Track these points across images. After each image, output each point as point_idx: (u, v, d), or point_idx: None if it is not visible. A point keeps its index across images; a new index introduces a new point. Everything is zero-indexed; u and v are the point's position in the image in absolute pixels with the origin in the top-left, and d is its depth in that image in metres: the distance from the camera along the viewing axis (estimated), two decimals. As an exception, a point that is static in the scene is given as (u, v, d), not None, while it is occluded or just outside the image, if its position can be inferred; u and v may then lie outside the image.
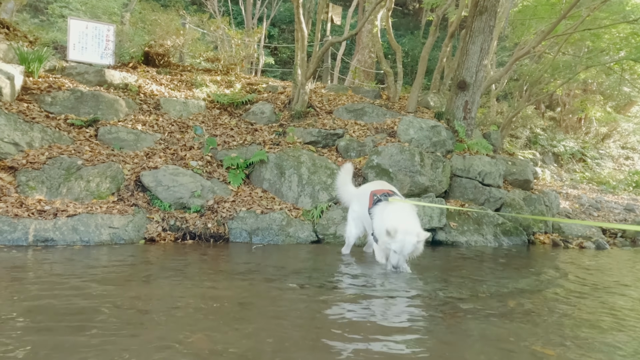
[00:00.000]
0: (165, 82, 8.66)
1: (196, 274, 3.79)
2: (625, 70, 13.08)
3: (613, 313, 3.33)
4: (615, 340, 2.71)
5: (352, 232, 4.87)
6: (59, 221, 4.74)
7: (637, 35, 10.75)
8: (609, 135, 17.83)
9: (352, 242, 4.95)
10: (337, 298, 3.28)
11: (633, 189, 14.13)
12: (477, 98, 8.24)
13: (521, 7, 12.77)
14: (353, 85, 13.36)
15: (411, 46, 18.90)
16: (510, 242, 6.62)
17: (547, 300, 3.60)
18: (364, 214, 4.54)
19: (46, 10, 13.55)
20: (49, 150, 5.65)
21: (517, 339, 2.59)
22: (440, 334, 2.65)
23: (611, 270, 5.37)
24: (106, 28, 8.50)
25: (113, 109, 6.93)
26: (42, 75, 7.14)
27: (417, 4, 20.87)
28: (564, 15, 8.96)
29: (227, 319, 2.66)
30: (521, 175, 7.96)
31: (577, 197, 11.09)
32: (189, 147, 6.76)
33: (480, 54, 7.91)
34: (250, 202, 5.96)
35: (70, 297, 2.88)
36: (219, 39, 10.86)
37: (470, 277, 4.26)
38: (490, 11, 7.81)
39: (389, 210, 4.15)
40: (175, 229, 5.33)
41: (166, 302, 2.92)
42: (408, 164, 6.56)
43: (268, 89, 9.35)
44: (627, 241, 7.95)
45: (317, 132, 7.41)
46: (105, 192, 5.41)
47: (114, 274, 3.61)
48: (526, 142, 15.63)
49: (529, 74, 13.02)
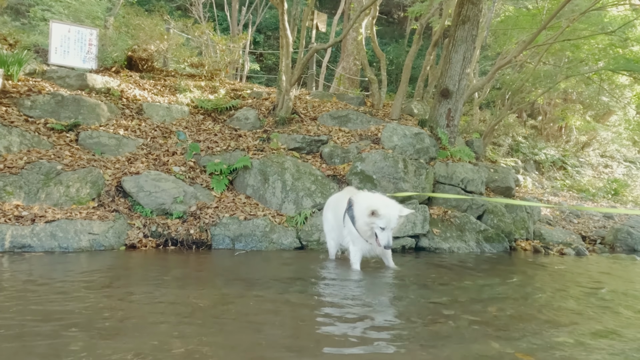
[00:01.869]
0: (149, 87, 8.59)
1: (176, 281, 3.74)
2: (603, 80, 13.37)
3: (593, 318, 3.37)
4: (595, 344, 2.74)
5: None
6: (37, 227, 4.65)
7: (615, 47, 11.00)
8: (588, 143, 18.18)
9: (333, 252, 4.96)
10: (318, 305, 3.26)
11: (612, 196, 14.40)
12: (460, 106, 8.33)
13: (503, 17, 13.01)
14: (338, 92, 13.41)
15: (395, 54, 19.07)
16: (492, 249, 6.68)
17: (528, 306, 3.64)
18: (339, 222, 4.54)
19: (28, 13, 13.34)
20: (28, 155, 5.55)
21: (498, 345, 2.60)
22: (422, 340, 2.65)
23: (590, 275, 5.44)
24: (89, 32, 8.41)
25: (94, 113, 6.84)
26: (22, 78, 7.03)
27: (401, 13, 21.09)
28: (544, 26, 9.14)
29: (204, 327, 2.62)
30: (503, 183, 8.05)
31: (558, 204, 11.25)
32: (171, 152, 6.70)
33: (463, 62, 8.01)
34: (233, 208, 5.92)
35: (44, 304, 2.82)
36: (204, 45, 10.83)
37: (452, 284, 4.28)
38: (472, 21, 7.93)
39: (362, 197, 4.27)
40: (156, 235, 5.26)
41: (143, 310, 2.87)
42: (392, 170, 6.59)
43: (252, 95, 9.33)
44: (606, 248, 8.09)
45: (302, 138, 7.41)
46: (85, 198, 5.33)
47: (90, 281, 3.54)
48: (508, 150, 15.84)
49: (511, 82, 13.23)
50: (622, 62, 10.08)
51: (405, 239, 6.19)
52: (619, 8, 11.34)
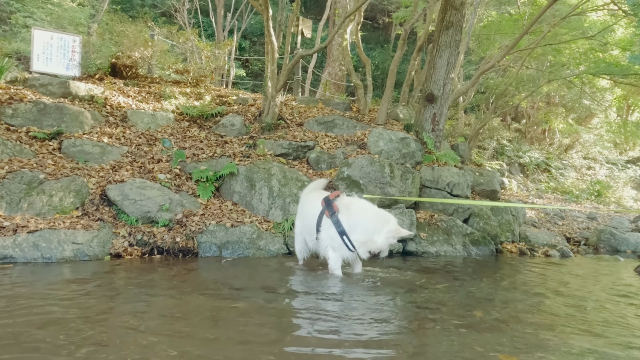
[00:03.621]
0: (133, 94, 8.52)
1: (160, 291, 3.70)
2: (585, 84, 13.62)
3: (576, 319, 3.41)
4: (578, 345, 2.78)
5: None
6: (19, 237, 4.57)
7: (595, 51, 11.21)
8: (571, 146, 18.46)
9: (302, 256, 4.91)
10: (304, 312, 3.25)
11: (595, 198, 14.63)
12: (445, 110, 8.41)
13: (486, 23, 13.17)
14: (324, 97, 13.45)
15: (381, 59, 19.19)
16: (478, 252, 6.73)
17: (513, 309, 3.67)
18: (311, 223, 4.43)
19: (9, 20, 13.17)
20: (9, 164, 5.46)
21: (484, 348, 2.62)
22: (408, 345, 2.66)
23: (575, 277, 5.52)
24: (72, 39, 8.33)
25: (78, 121, 6.76)
26: (3, 86, 6.93)
27: (386, 18, 21.25)
28: (526, 31, 9.28)
29: (189, 338, 2.60)
30: (488, 186, 8.13)
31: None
32: (157, 160, 6.64)
33: (447, 67, 8.09)
34: (220, 216, 5.89)
35: (25, 316, 2.77)
36: (189, 51, 10.79)
37: (439, 287, 4.30)
38: (456, 26, 8.02)
39: (372, 210, 4.28)
40: (142, 244, 5.20)
41: (126, 321, 2.84)
42: (378, 175, 6.62)
43: (238, 101, 9.31)
44: (590, 249, 8.21)
45: (288, 144, 7.41)
46: (68, 207, 5.26)
47: (72, 291, 3.49)
48: (493, 153, 16.01)
49: (495, 87, 13.40)
50: (602, 66, 10.27)
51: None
52: (598, 13, 11.57)
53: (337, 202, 4.32)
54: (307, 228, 4.55)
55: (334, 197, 4.37)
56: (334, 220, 4.17)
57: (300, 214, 4.86)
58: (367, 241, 4.11)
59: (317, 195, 4.59)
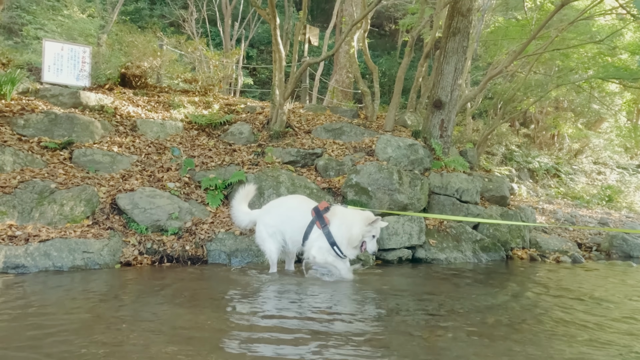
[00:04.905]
0: (142, 103, 8.60)
1: (169, 300, 3.69)
2: (594, 88, 13.52)
3: (588, 326, 3.37)
4: (593, 353, 2.74)
5: (272, 249, 4.83)
6: (31, 247, 4.61)
7: (603, 55, 11.15)
8: (581, 151, 18.30)
9: (275, 258, 4.89)
10: (317, 318, 3.24)
11: (606, 203, 14.48)
12: (453, 116, 8.39)
13: (493, 28, 13.16)
14: (331, 104, 13.48)
15: (388, 66, 19.22)
16: (488, 258, 6.68)
17: (525, 316, 3.63)
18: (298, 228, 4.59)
19: (21, 32, 13.40)
20: (21, 174, 5.53)
21: (495, 356, 2.60)
22: (420, 353, 2.64)
23: (587, 283, 5.45)
24: (82, 50, 8.44)
25: (88, 131, 6.83)
26: (15, 97, 7.02)
27: (392, 25, 21.31)
28: (534, 36, 9.25)
29: (196, 352, 2.59)
30: (498, 192, 8.08)
31: (553, 212, 11.30)
32: (166, 168, 6.69)
33: (454, 73, 8.09)
34: (229, 223, 5.90)
35: (33, 324, 2.79)
36: (197, 60, 10.88)
37: (450, 294, 4.27)
38: (463, 32, 8.02)
39: (347, 211, 4.60)
40: (152, 252, 5.23)
41: (134, 330, 2.84)
42: (387, 182, 6.61)
43: (246, 110, 9.36)
44: (602, 255, 8.11)
45: (296, 151, 7.43)
46: (79, 216, 5.30)
47: (85, 299, 3.51)
48: (502, 159, 15.92)
49: (503, 92, 13.35)
50: (611, 70, 10.21)
51: (401, 250, 6.19)
52: (606, 17, 11.50)
53: (327, 214, 4.52)
54: (290, 233, 4.73)
55: (323, 208, 4.58)
56: (326, 232, 4.42)
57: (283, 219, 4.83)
58: (349, 237, 4.38)
59: (307, 205, 4.73)
